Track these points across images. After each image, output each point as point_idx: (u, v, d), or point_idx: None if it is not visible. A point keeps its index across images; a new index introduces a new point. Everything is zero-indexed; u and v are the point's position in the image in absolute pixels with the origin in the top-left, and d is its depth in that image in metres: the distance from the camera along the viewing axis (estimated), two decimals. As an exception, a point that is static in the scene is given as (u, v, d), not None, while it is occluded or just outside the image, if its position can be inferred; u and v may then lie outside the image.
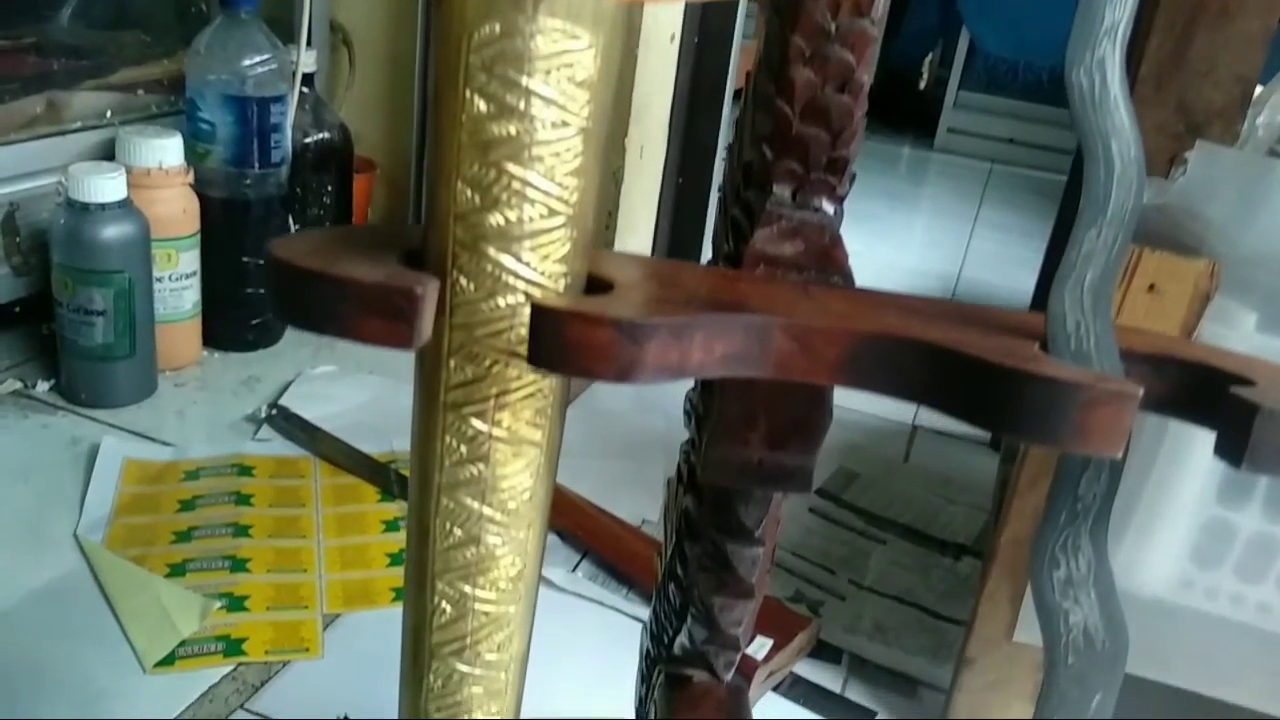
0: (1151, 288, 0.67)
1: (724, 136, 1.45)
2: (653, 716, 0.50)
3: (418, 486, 0.35)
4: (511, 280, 0.32)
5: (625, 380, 0.30)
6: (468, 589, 0.35)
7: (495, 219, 0.31)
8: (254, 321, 1.25)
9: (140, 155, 1.10)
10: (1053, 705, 0.38)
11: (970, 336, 0.33)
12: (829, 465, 1.20)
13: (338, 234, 0.34)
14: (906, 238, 2.17)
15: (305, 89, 1.26)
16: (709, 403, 0.42)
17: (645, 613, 0.89)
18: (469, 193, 0.31)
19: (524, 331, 0.33)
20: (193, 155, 1.16)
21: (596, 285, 0.34)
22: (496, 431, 0.33)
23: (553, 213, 0.32)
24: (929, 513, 1.14)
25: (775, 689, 0.88)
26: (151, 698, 0.78)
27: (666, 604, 0.52)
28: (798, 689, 0.88)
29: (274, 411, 1.13)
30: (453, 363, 0.33)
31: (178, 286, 1.17)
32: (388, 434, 1.12)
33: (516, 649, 0.36)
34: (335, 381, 1.22)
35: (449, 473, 0.34)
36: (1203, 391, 0.35)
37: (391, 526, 1.00)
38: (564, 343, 0.29)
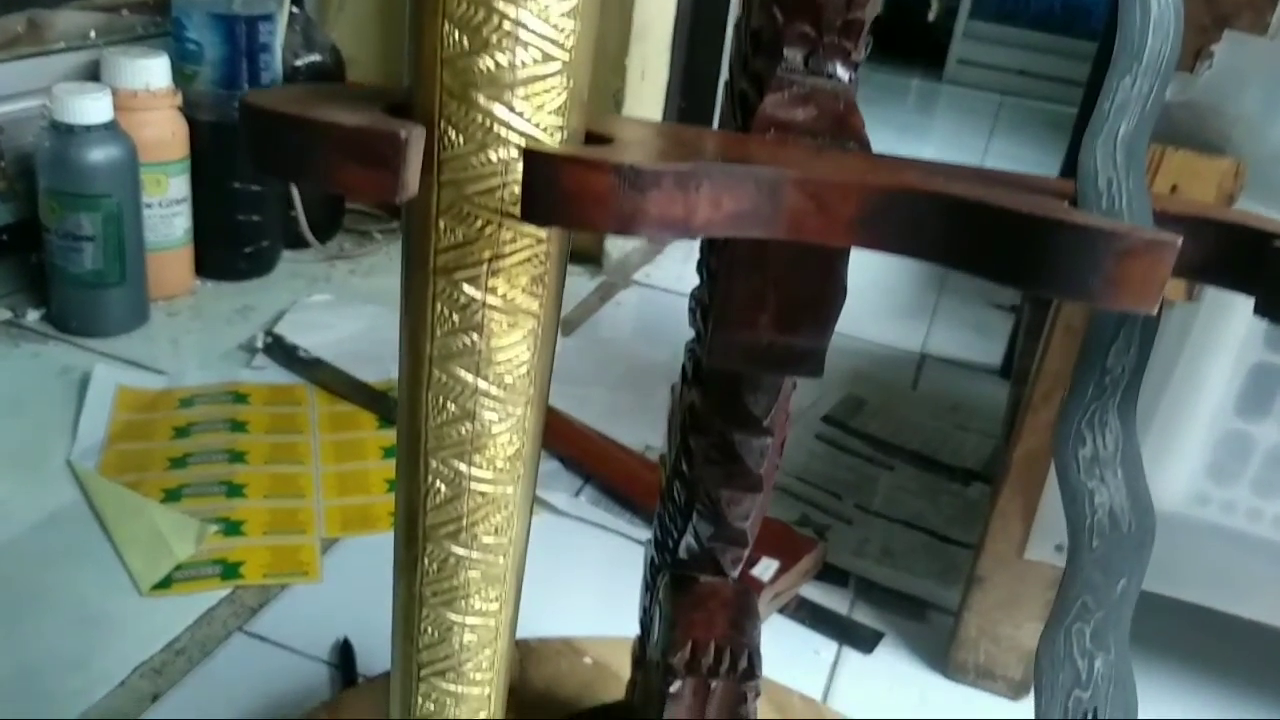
0: (1174, 189, 0.65)
1: (726, 58, 1.42)
2: (658, 623, 0.48)
3: (408, 359, 0.33)
4: (503, 132, 0.30)
5: (625, 232, 0.28)
6: (463, 467, 0.33)
7: (485, 63, 0.29)
8: (247, 250, 1.23)
9: (125, 76, 1.07)
10: (1076, 591, 0.36)
11: (996, 193, 0.31)
12: (836, 392, 1.18)
13: (318, 89, 0.32)
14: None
15: (295, 8, 1.23)
16: (714, 289, 0.40)
17: (649, 536, 0.88)
18: (456, 35, 0.29)
19: (517, 189, 0.30)
20: (180, 77, 1.13)
21: (595, 143, 0.32)
22: (490, 299, 0.31)
23: (547, 58, 0.29)
24: (938, 439, 1.13)
25: (781, 611, 0.87)
26: (149, 620, 0.77)
27: (672, 505, 0.50)
28: (804, 611, 0.87)
29: (269, 339, 1.11)
30: (442, 223, 0.31)
31: (168, 213, 1.14)
32: (385, 362, 1.10)
33: (516, 533, 0.35)
34: (331, 310, 1.20)
35: (440, 343, 0.32)
36: (1241, 254, 0.33)
37: (390, 453, 0.98)
38: (560, 191, 0.27)
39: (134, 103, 1.07)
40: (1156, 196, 0.34)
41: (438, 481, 0.33)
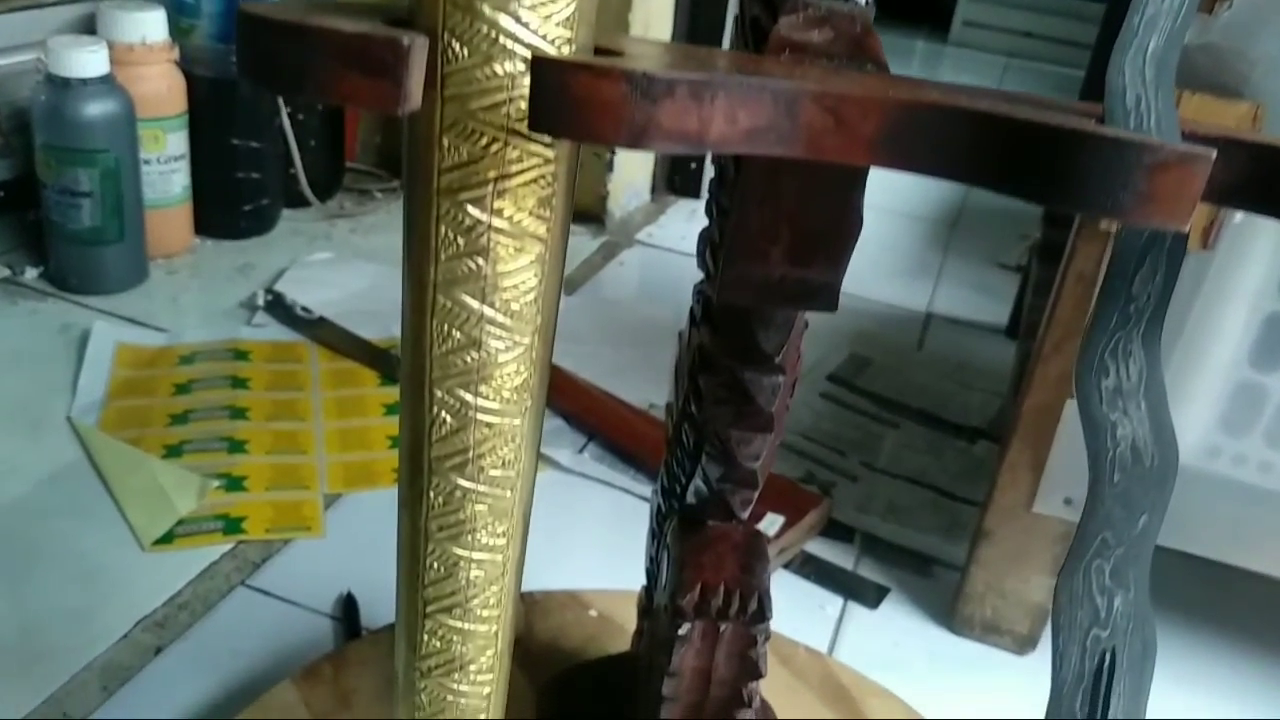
0: None
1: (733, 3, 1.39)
2: (665, 569, 0.47)
3: (411, 285, 0.32)
4: (509, 44, 0.29)
5: (637, 145, 0.27)
6: (468, 397, 0.32)
7: (490, -29, 0.28)
8: (246, 208, 1.22)
9: (121, 29, 1.05)
10: (1096, 527, 0.35)
11: (1022, 109, 0.29)
12: (840, 351, 1.17)
13: (317, 2, 0.30)
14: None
15: (293, -37, 1.21)
16: (725, 224, 0.38)
17: (655, 486, 0.87)
18: (460, -59, 0.28)
19: (524, 104, 0.29)
20: (177, 31, 1.11)
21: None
22: (496, 221, 0.30)
23: (555, -35, 0.28)
24: (943, 398, 1.12)
25: (786, 566, 0.86)
26: (151, 574, 0.77)
27: (680, 450, 0.49)
28: (809, 566, 0.86)
29: (270, 297, 1.10)
30: (446, 141, 0.30)
31: (166, 170, 1.12)
32: (386, 319, 1.09)
33: (524, 467, 0.34)
34: (332, 268, 1.19)
35: (445, 268, 0.31)
36: (1273, 177, 0.32)
37: (392, 410, 0.98)
38: (568, 100, 0.26)
39: (130, 56, 1.05)
40: (1184, 119, 0.32)
41: (443, 412, 0.32)
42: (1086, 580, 0.36)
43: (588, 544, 0.85)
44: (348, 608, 0.75)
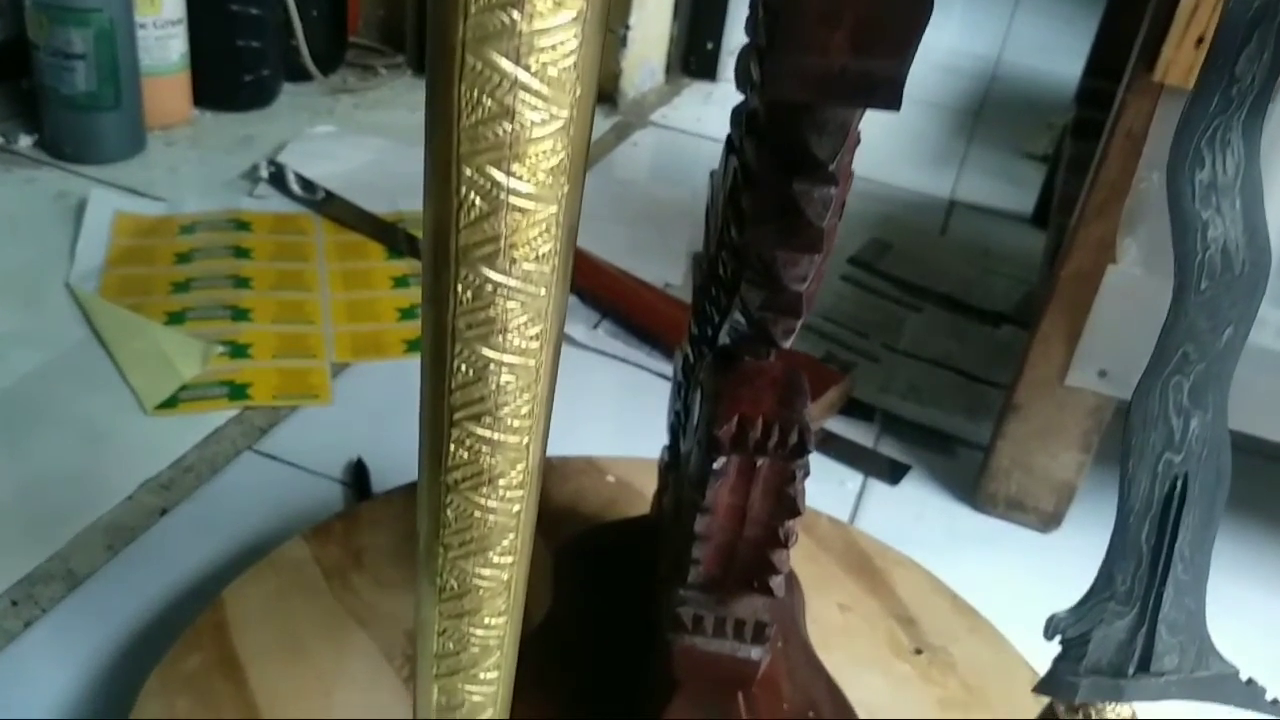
0: (1199, 41, 0.60)
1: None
2: (698, 408, 0.45)
3: (435, 43, 0.28)
4: None
5: None
6: (500, 176, 0.29)
7: None
8: (246, 78, 1.17)
9: (113, -121, 0.99)
10: (1178, 339, 0.32)
11: None
12: (861, 235, 1.14)
13: None
14: (943, 18, 2.02)
15: None
16: (779, 11, 0.35)
17: (668, 369, 0.85)
18: None
19: None
20: (171, -116, 1.06)
21: None
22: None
23: None
24: (967, 283, 1.09)
25: (806, 442, 0.84)
26: (155, 439, 0.75)
27: (715, 289, 0.47)
28: (829, 444, 0.84)
29: (273, 168, 1.06)
30: None
31: (163, 34, 1.08)
32: (392, 194, 1.05)
33: (560, 261, 0.31)
34: (336, 141, 1.15)
35: (474, 22, 0.27)
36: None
37: (401, 283, 0.95)
38: None
39: (122, -91, 1.00)
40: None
41: (471, 193, 0.29)
42: (1163, 399, 0.33)
43: (602, 418, 0.83)
44: (358, 473, 0.73)
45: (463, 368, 0.32)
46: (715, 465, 0.41)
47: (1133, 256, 0.68)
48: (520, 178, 0.29)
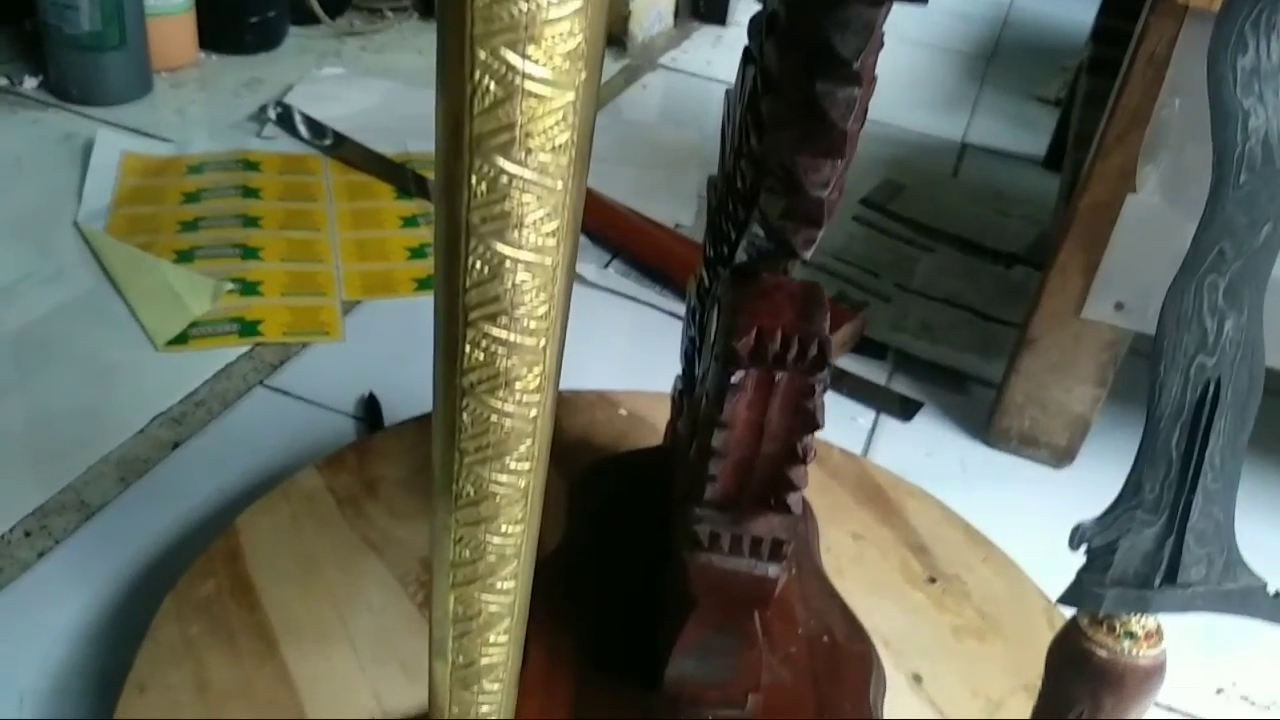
0: None
1: None
2: (715, 322, 0.44)
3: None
4: None
5: None
6: (514, 59, 0.28)
7: None
8: (253, 20, 1.16)
9: None
10: (1214, 236, 0.32)
11: None
12: (873, 177, 1.12)
13: None
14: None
15: None
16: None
17: (678, 307, 0.84)
18: None
19: None
20: None
21: None
22: None
23: None
24: (979, 224, 1.08)
25: (819, 380, 0.84)
26: (166, 374, 0.74)
27: (732, 204, 0.46)
28: (842, 382, 0.84)
29: (280, 110, 1.05)
30: None
31: (167, -27, 1.06)
32: (401, 135, 1.04)
33: (576, 154, 0.30)
34: (343, 83, 1.13)
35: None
36: None
37: (410, 223, 0.94)
38: None
39: None
40: None
41: (486, 78, 0.28)
42: (1197, 299, 0.32)
43: (613, 355, 0.83)
44: (370, 407, 0.73)
45: (478, 264, 0.31)
46: (733, 379, 0.40)
47: (1152, 185, 0.67)
48: (537, 61, 0.28)
